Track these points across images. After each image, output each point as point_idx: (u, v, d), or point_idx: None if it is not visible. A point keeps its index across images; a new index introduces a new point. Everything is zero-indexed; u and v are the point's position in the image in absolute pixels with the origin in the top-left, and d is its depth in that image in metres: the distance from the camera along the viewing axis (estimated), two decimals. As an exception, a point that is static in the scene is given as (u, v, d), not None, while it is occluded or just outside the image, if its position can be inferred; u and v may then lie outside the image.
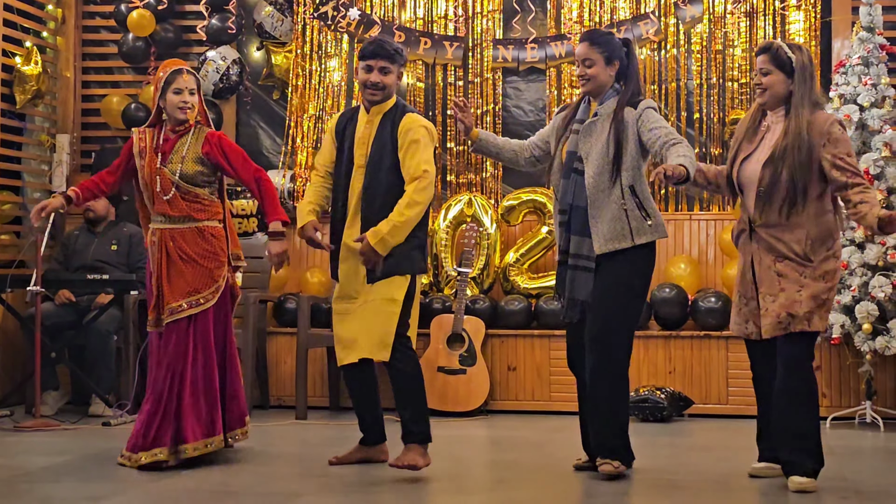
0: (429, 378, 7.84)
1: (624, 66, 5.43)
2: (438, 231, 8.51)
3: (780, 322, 5.00)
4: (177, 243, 5.60)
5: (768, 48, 5.16)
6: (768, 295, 5.05)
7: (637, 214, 5.26)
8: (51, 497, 4.96)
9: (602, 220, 5.27)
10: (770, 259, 5.08)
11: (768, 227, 5.08)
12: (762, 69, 5.15)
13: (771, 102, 5.16)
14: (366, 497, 4.97)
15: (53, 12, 9.27)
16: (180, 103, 5.66)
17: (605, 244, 5.26)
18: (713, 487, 5.24)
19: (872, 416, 7.32)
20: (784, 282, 5.02)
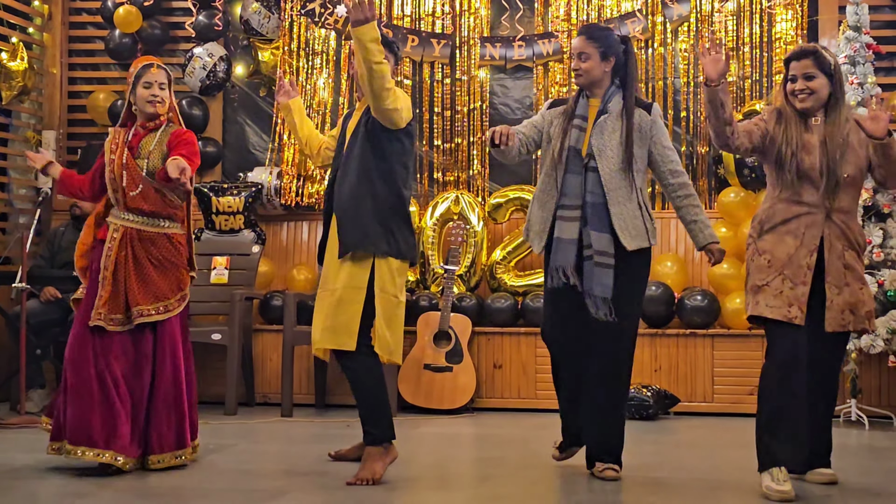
0: (415, 375, 7.85)
1: (621, 63, 5.37)
2: (426, 229, 8.51)
3: (844, 320, 4.99)
4: (144, 245, 5.44)
5: (813, 52, 5.08)
6: (834, 286, 4.98)
7: (648, 217, 5.28)
8: (36, 494, 4.95)
9: (626, 218, 5.23)
10: (841, 246, 5.01)
11: (842, 212, 5.02)
12: (807, 73, 5.05)
13: (815, 106, 5.07)
14: (351, 494, 4.96)
15: (40, 8, 9.26)
16: (149, 97, 5.53)
17: (633, 241, 5.22)
18: (698, 485, 5.25)
19: (858, 414, 7.34)
20: (849, 275, 5.00)
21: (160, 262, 5.47)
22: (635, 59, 5.48)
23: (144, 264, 5.45)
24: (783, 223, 5.05)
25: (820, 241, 5.00)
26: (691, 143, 8.64)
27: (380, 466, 5.21)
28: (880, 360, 7.54)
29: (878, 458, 6.13)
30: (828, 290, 4.99)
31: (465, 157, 8.90)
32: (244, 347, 8.17)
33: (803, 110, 5.08)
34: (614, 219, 5.22)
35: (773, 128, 5.12)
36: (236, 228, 8.66)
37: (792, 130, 5.08)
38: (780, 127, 5.12)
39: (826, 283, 4.99)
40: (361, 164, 5.31)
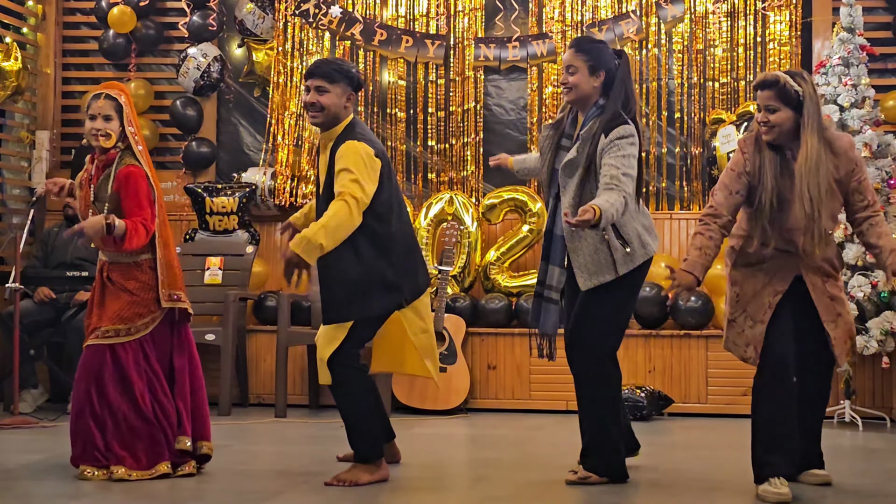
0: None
1: (611, 76, 5.17)
2: (419, 229, 8.51)
3: (847, 348, 5.04)
4: (112, 275, 5.37)
5: (774, 83, 4.84)
6: (830, 322, 4.98)
7: (617, 245, 5.06)
8: (30, 495, 4.94)
9: (582, 253, 5.10)
10: (820, 281, 4.97)
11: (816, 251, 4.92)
12: (769, 106, 4.84)
13: (781, 139, 4.89)
14: (344, 494, 4.96)
15: (34, 8, 9.25)
16: (92, 130, 5.34)
17: (590, 279, 5.09)
18: (693, 486, 5.25)
19: (851, 416, 7.35)
20: (838, 305, 4.99)
21: (125, 289, 5.35)
22: (629, 73, 5.25)
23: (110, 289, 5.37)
24: (759, 262, 5.02)
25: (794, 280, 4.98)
26: (685, 144, 8.65)
27: (365, 477, 5.18)
28: (874, 362, 7.54)
29: (871, 460, 6.14)
30: (827, 328, 5.00)
31: (459, 158, 8.90)
32: (238, 348, 8.17)
33: (768, 142, 4.93)
34: (570, 254, 5.15)
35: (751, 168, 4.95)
36: (230, 229, 8.65)
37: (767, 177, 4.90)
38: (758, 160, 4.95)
39: (823, 322, 4.99)
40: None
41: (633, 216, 5.13)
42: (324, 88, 5.19)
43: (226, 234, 8.64)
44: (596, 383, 5.21)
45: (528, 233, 8.45)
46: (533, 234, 8.44)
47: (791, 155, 4.92)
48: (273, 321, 8.24)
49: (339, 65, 5.30)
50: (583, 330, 5.18)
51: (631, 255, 5.11)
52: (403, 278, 5.27)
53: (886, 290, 7.19)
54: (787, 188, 4.88)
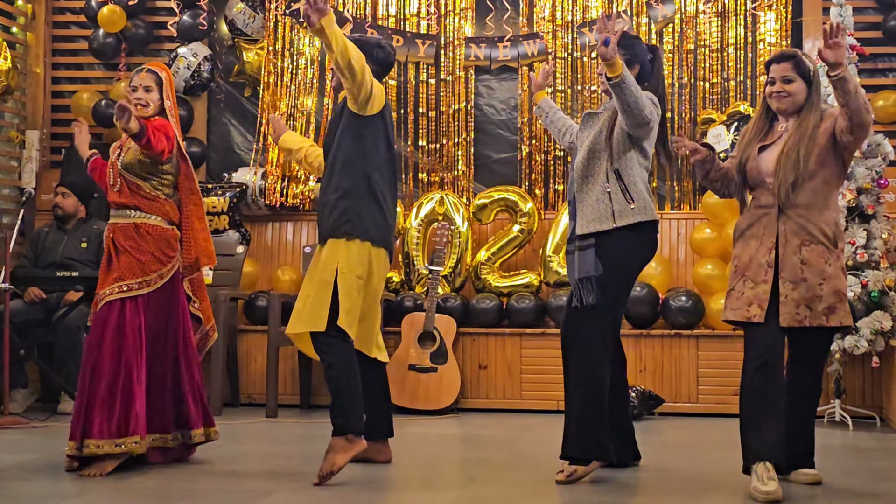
0: (400, 376, 7.85)
1: (647, 72, 5.44)
2: (410, 229, 8.51)
3: (799, 315, 4.97)
4: (115, 236, 5.54)
5: (793, 56, 5.16)
6: (789, 282, 4.97)
7: (620, 198, 5.23)
8: (20, 495, 4.93)
9: (586, 203, 5.30)
10: (797, 242, 5.00)
11: (799, 208, 5.02)
12: (785, 77, 5.12)
13: (791, 109, 5.15)
14: (335, 494, 4.95)
15: (23, 8, 9.23)
16: (134, 100, 5.54)
17: (587, 225, 5.26)
18: (683, 485, 5.25)
19: (842, 415, 7.36)
20: (806, 270, 4.97)
21: (123, 248, 5.51)
22: (662, 69, 5.54)
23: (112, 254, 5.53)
24: (748, 227, 5.16)
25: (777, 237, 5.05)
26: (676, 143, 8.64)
27: (340, 458, 5.20)
28: (864, 361, 7.56)
29: (861, 459, 6.15)
30: (781, 286, 4.99)
31: (449, 158, 8.90)
32: (229, 348, 8.16)
33: (778, 111, 5.17)
34: (578, 205, 5.34)
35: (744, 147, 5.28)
36: (221, 229, 8.64)
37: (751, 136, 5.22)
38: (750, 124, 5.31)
39: (780, 279, 5.00)
40: (338, 155, 5.44)
41: (644, 182, 5.36)
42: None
43: (216, 234, 8.62)
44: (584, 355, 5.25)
45: (518, 233, 8.45)
46: (524, 234, 8.44)
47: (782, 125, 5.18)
48: (264, 321, 8.23)
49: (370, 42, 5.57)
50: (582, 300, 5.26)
51: (633, 211, 5.26)
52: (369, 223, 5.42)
53: (876, 289, 7.21)
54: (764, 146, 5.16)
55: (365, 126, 5.44)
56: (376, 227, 5.43)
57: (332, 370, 5.34)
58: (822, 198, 5.05)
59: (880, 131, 7.77)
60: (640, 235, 5.32)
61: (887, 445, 6.62)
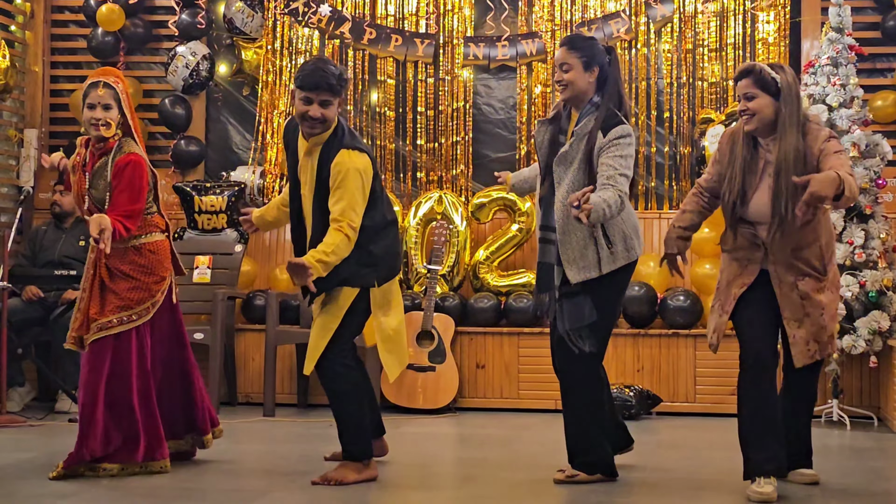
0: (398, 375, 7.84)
1: (605, 73, 5.23)
2: (409, 228, 8.50)
3: (810, 351, 4.96)
4: (110, 261, 5.37)
5: (750, 71, 4.95)
6: (793, 321, 4.93)
7: (603, 243, 5.12)
8: (17, 494, 4.93)
9: (571, 248, 5.15)
10: (791, 278, 4.94)
11: (786, 246, 4.94)
12: (746, 94, 4.92)
13: (761, 128, 4.95)
14: (333, 493, 4.95)
15: (22, 6, 9.22)
16: (92, 120, 5.37)
17: (579, 273, 5.14)
18: (680, 485, 5.26)
19: (839, 415, 7.36)
20: (808, 305, 4.93)
21: (124, 273, 5.38)
22: (619, 70, 5.33)
23: (107, 279, 5.39)
24: (735, 250, 5.10)
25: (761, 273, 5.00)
26: (674, 143, 8.66)
27: (353, 476, 5.20)
28: (861, 361, 7.55)
29: (859, 459, 6.15)
30: (787, 327, 4.96)
31: (448, 157, 8.90)
32: (226, 347, 8.15)
33: (750, 133, 4.99)
34: (560, 248, 5.19)
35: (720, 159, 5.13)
36: (219, 227, 8.63)
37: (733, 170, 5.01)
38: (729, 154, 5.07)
39: (784, 319, 4.96)
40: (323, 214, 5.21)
41: (622, 217, 5.17)
42: (329, 102, 5.15)
43: (214, 232, 8.62)
44: (580, 385, 5.22)
45: (517, 232, 8.45)
46: (522, 233, 8.44)
47: (766, 149, 4.98)
48: (262, 320, 8.23)
49: (339, 75, 5.19)
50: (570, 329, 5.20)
51: (614, 256, 5.16)
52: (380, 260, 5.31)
53: (874, 289, 7.21)
54: (751, 183, 4.98)
55: None
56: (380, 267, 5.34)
57: (341, 399, 5.27)
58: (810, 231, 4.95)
59: (878, 131, 7.76)
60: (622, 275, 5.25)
61: (884, 445, 6.62)
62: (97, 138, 5.42)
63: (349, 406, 5.27)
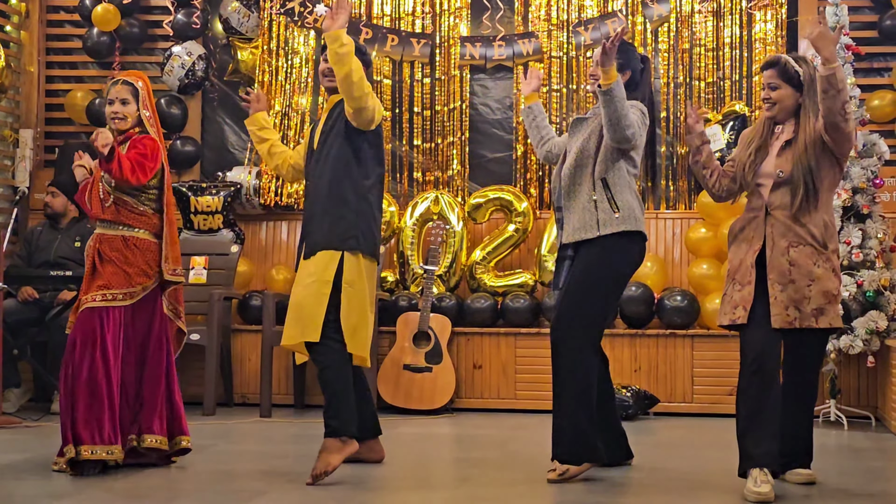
0: (394, 376, 7.84)
1: (636, 80, 5.47)
2: (405, 229, 8.49)
3: (789, 317, 4.96)
4: (101, 247, 5.53)
5: (776, 62, 5.15)
6: (777, 283, 4.97)
7: (606, 206, 5.26)
8: (12, 494, 4.91)
9: (573, 211, 5.33)
10: (784, 244, 5.00)
11: (786, 210, 5.02)
12: (770, 83, 5.13)
13: (781, 116, 5.15)
14: (329, 494, 4.94)
15: (17, 6, 9.20)
16: (111, 114, 5.61)
17: (573, 233, 5.31)
18: (678, 485, 5.25)
19: (837, 415, 7.35)
20: (794, 272, 4.97)
21: (109, 259, 5.49)
22: (650, 79, 5.61)
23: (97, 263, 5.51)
24: (741, 231, 5.20)
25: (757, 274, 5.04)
26: (671, 143, 8.65)
27: (335, 458, 5.23)
28: (859, 361, 7.55)
29: (856, 459, 6.14)
30: (770, 288, 5.00)
31: (444, 157, 8.89)
32: (223, 347, 8.14)
33: (769, 119, 5.20)
34: (565, 213, 5.38)
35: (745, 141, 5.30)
36: (215, 228, 8.62)
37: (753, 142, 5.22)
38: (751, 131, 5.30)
39: (768, 280, 5.01)
40: (337, 165, 5.45)
41: (632, 191, 5.37)
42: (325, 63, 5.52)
43: (210, 233, 8.61)
44: (569, 360, 5.24)
45: (513, 232, 8.44)
46: (519, 233, 8.43)
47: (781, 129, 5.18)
48: (258, 321, 8.22)
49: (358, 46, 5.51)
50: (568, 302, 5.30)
51: (617, 220, 5.28)
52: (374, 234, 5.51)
53: (872, 289, 7.20)
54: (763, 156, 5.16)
55: (364, 139, 5.48)
56: (374, 241, 5.51)
57: (327, 373, 5.37)
58: (814, 202, 5.05)
59: (876, 131, 7.77)
60: (625, 244, 5.33)
61: (882, 445, 6.62)
62: (118, 133, 5.61)
63: (335, 380, 5.36)
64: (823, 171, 5.05)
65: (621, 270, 5.41)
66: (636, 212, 5.35)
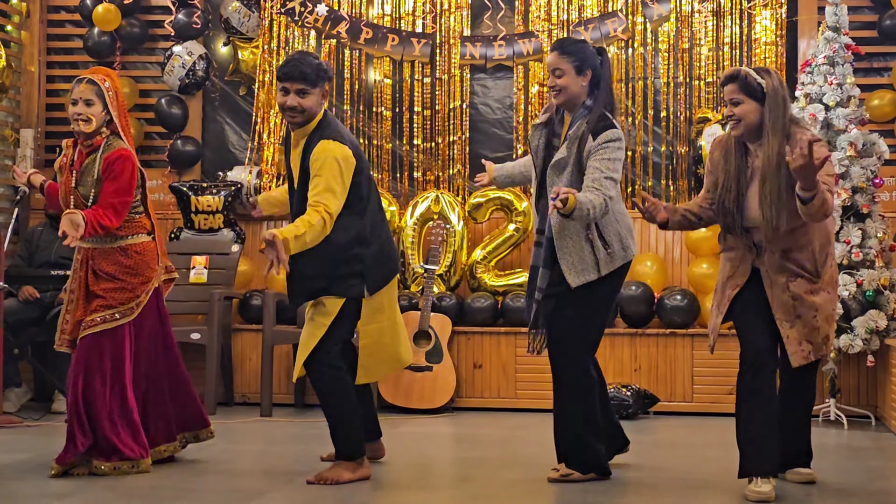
0: (395, 375, 7.84)
1: (597, 75, 5.23)
2: (405, 228, 8.50)
3: (804, 352, 4.96)
4: (97, 262, 5.40)
5: (736, 76, 4.95)
6: (785, 321, 4.94)
7: (599, 245, 5.15)
8: (14, 494, 4.92)
9: (568, 252, 5.17)
10: (783, 279, 4.95)
11: (776, 249, 4.95)
12: (732, 99, 4.94)
13: (747, 133, 4.96)
14: (330, 493, 4.95)
15: (18, 6, 9.21)
16: (74, 115, 5.38)
17: (578, 277, 5.15)
18: (678, 484, 5.26)
19: (836, 414, 7.36)
20: (800, 307, 4.94)
21: (110, 275, 5.40)
22: (611, 71, 5.35)
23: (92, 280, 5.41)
24: (727, 248, 5.15)
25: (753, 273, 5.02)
26: (671, 143, 8.66)
27: (347, 475, 5.21)
28: (859, 360, 7.55)
29: (856, 458, 6.15)
30: (779, 326, 4.97)
31: (445, 157, 8.89)
32: (223, 347, 8.14)
33: (736, 138, 5.02)
34: (558, 252, 5.20)
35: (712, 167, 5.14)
36: (215, 227, 8.62)
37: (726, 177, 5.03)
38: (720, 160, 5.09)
39: (776, 320, 4.97)
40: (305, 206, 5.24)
41: (616, 218, 5.22)
42: (305, 91, 5.23)
43: (211, 232, 8.62)
44: (573, 383, 5.24)
45: (514, 232, 8.44)
46: (519, 233, 8.43)
47: (754, 154, 4.99)
48: (258, 320, 8.22)
49: (317, 65, 5.28)
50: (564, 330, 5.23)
51: (611, 257, 5.19)
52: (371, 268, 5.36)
53: (871, 289, 7.21)
54: (745, 186, 4.99)
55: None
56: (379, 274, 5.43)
57: (331, 400, 5.32)
58: (801, 234, 4.96)
59: (875, 130, 7.77)
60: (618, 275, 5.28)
61: (882, 444, 6.62)
62: (84, 136, 5.43)
63: (338, 406, 5.30)
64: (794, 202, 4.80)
65: (615, 296, 5.42)
66: (624, 239, 5.23)
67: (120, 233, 5.42)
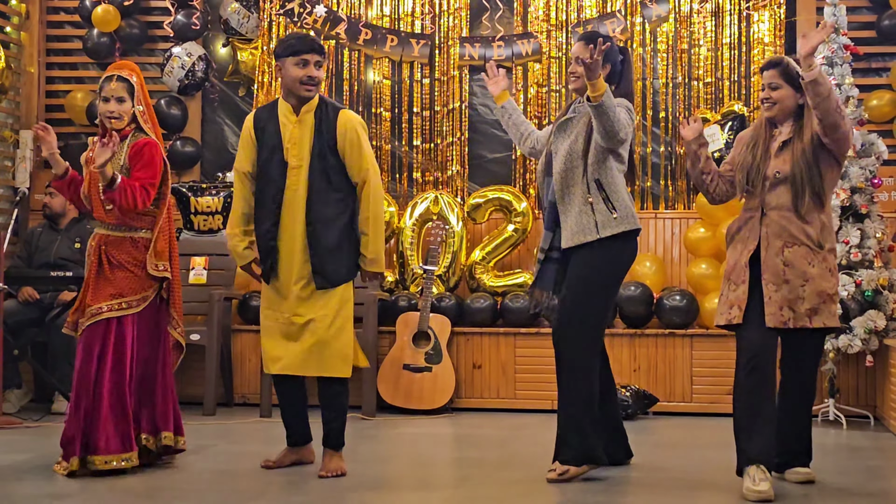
0: (394, 376, 7.85)
1: (616, 71, 5.44)
2: (405, 229, 8.50)
3: (783, 317, 4.98)
4: (109, 250, 5.45)
5: (779, 63, 5.19)
6: (771, 283, 5.00)
7: (602, 208, 5.24)
8: (13, 495, 4.92)
9: (570, 215, 5.30)
10: (779, 244, 5.03)
11: (782, 210, 5.06)
12: (771, 84, 5.17)
13: (780, 116, 5.19)
14: (328, 493, 4.95)
15: (17, 7, 9.21)
16: (106, 113, 5.47)
17: (572, 238, 5.29)
18: (677, 485, 5.26)
19: (835, 414, 7.36)
20: (789, 272, 5.00)
21: (120, 263, 5.45)
22: (632, 71, 5.52)
23: (105, 267, 5.45)
24: (738, 231, 5.24)
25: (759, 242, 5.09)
26: (669, 143, 8.66)
27: (344, 465, 5.43)
28: (858, 360, 7.56)
29: (855, 458, 6.15)
30: (764, 287, 5.02)
31: (444, 158, 8.90)
32: (223, 348, 8.14)
33: (769, 119, 5.23)
34: (560, 216, 5.36)
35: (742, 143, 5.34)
36: (215, 228, 8.63)
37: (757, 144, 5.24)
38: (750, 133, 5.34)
39: (763, 280, 5.03)
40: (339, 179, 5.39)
41: (625, 187, 5.38)
42: (321, 63, 5.40)
43: (210, 233, 8.62)
44: (576, 367, 5.27)
45: (513, 232, 8.45)
46: (518, 233, 8.44)
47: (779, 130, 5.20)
48: (258, 321, 8.19)
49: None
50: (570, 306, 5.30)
51: (616, 221, 5.27)
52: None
53: (870, 289, 7.21)
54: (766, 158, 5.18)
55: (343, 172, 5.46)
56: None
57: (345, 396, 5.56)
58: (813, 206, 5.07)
59: (874, 131, 7.78)
60: (622, 245, 5.34)
61: (881, 444, 6.63)
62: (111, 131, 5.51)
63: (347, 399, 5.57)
64: (824, 170, 5.08)
65: (620, 270, 5.43)
66: (632, 209, 5.36)
67: (132, 223, 5.49)
